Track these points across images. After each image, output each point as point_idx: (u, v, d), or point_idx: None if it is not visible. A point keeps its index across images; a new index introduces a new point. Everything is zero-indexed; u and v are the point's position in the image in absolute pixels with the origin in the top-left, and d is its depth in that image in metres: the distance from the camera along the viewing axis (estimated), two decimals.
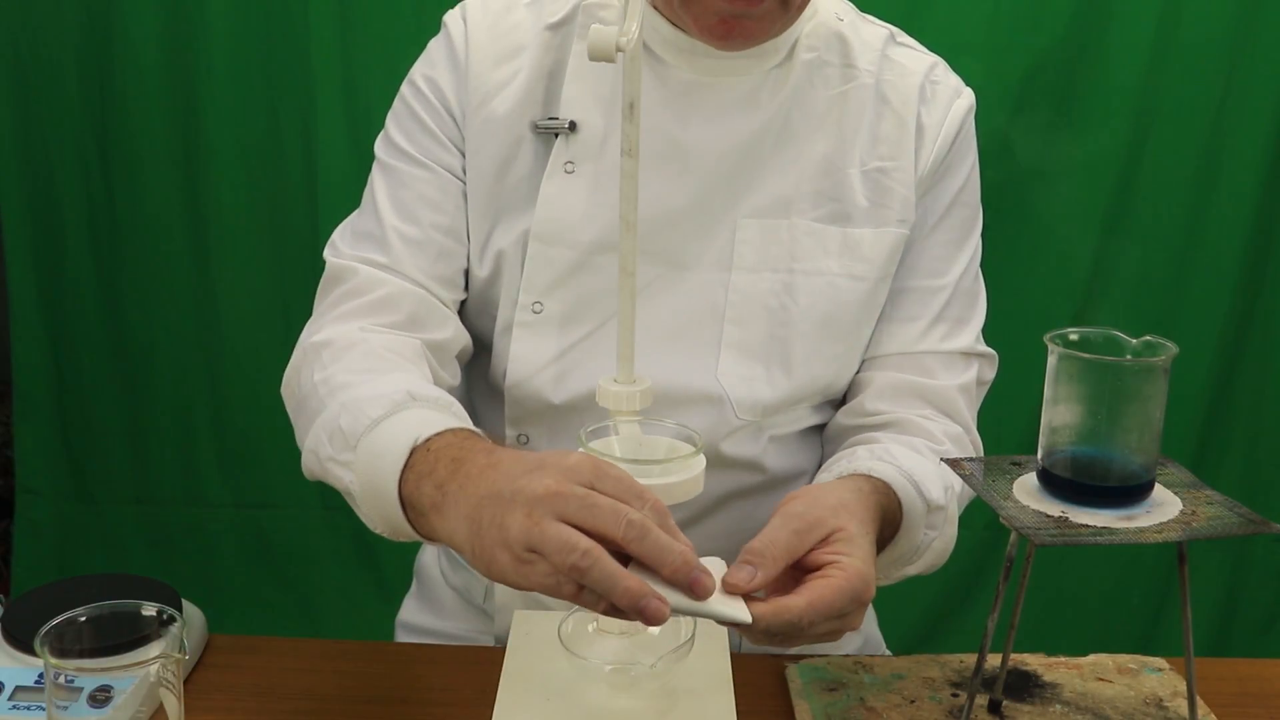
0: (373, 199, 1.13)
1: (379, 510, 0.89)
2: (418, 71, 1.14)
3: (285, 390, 1.08)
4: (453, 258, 1.12)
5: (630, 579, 0.74)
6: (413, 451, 0.87)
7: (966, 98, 1.16)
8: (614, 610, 0.76)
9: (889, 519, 0.96)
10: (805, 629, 0.82)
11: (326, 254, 1.14)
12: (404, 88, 1.15)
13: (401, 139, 1.13)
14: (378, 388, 0.95)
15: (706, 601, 0.78)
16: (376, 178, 1.14)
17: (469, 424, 0.92)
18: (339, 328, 1.07)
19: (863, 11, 1.19)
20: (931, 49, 1.19)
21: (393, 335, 1.06)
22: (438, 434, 0.88)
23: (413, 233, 1.10)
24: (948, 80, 1.16)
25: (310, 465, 0.99)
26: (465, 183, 1.12)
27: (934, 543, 1.03)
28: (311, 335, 1.07)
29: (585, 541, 0.74)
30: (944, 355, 1.14)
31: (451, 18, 1.14)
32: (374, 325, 1.07)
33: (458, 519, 0.81)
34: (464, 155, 1.12)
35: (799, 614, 0.81)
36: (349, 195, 1.20)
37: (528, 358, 1.10)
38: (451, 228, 1.11)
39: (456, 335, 1.12)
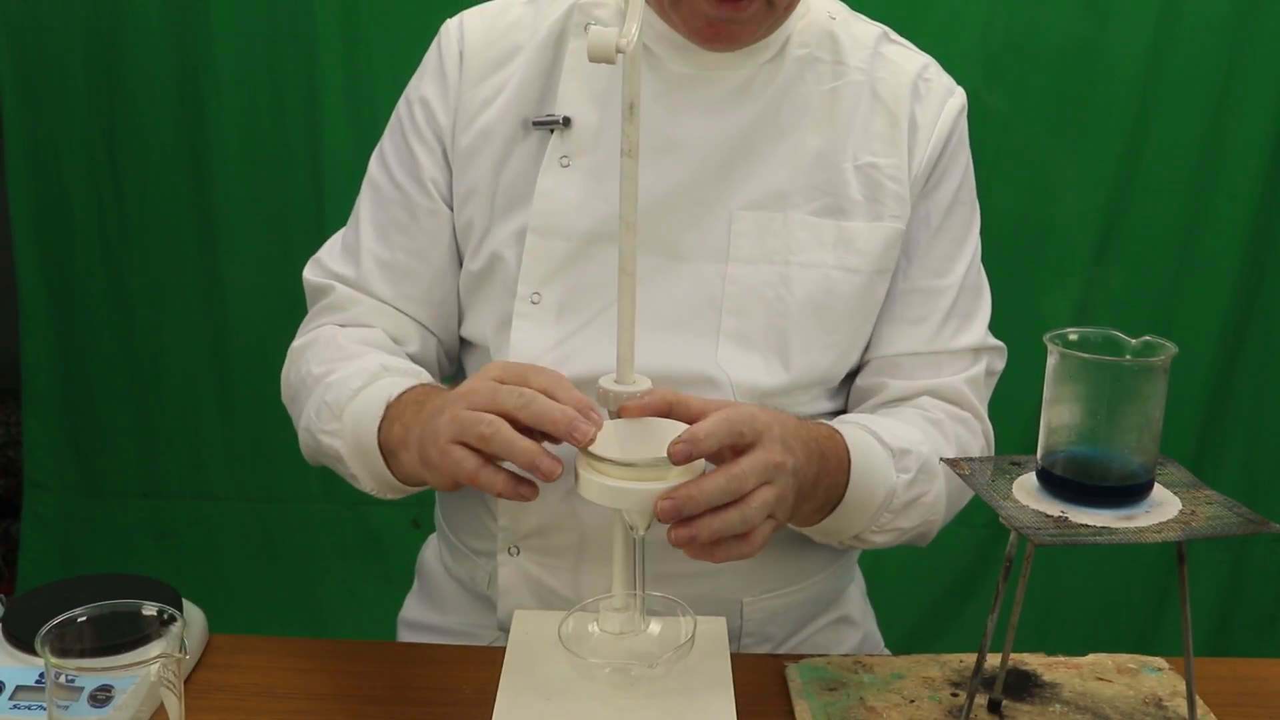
0: (357, 216, 1.21)
1: (365, 464, 1.04)
2: (411, 88, 1.20)
3: (283, 394, 1.19)
4: (418, 278, 1.18)
5: (526, 441, 0.86)
6: (387, 407, 1.02)
7: (959, 97, 1.18)
8: (516, 489, 0.89)
9: (828, 450, 1.00)
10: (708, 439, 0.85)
11: (306, 273, 1.23)
12: (399, 104, 1.20)
13: (390, 157, 1.19)
14: (355, 367, 1.08)
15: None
16: (364, 194, 1.21)
17: (437, 383, 1.07)
18: (318, 332, 1.18)
19: (861, 12, 1.20)
20: (928, 49, 1.20)
21: (366, 332, 1.17)
22: (407, 390, 1.03)
23: (384, 255, 1.18)
24: (940, 79, 1.17)
25: (306, 443, 1.12)
26: (450, 201, 1.17)
27: (922, 497, 1.07)
28: (296, 341, 1.20)
29: (489, 416, 0.88)
30: (954, 354, 1.16)
31: (447, 30, 1.18)
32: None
33: (414, 444, 0.96)
34: (452, 172, 1.16)
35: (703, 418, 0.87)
36: (354, 190, 1.23)
37: (527, 346, 1.11)
38: (418, 250, 1.17)
39: (423, 349, 1.19)
